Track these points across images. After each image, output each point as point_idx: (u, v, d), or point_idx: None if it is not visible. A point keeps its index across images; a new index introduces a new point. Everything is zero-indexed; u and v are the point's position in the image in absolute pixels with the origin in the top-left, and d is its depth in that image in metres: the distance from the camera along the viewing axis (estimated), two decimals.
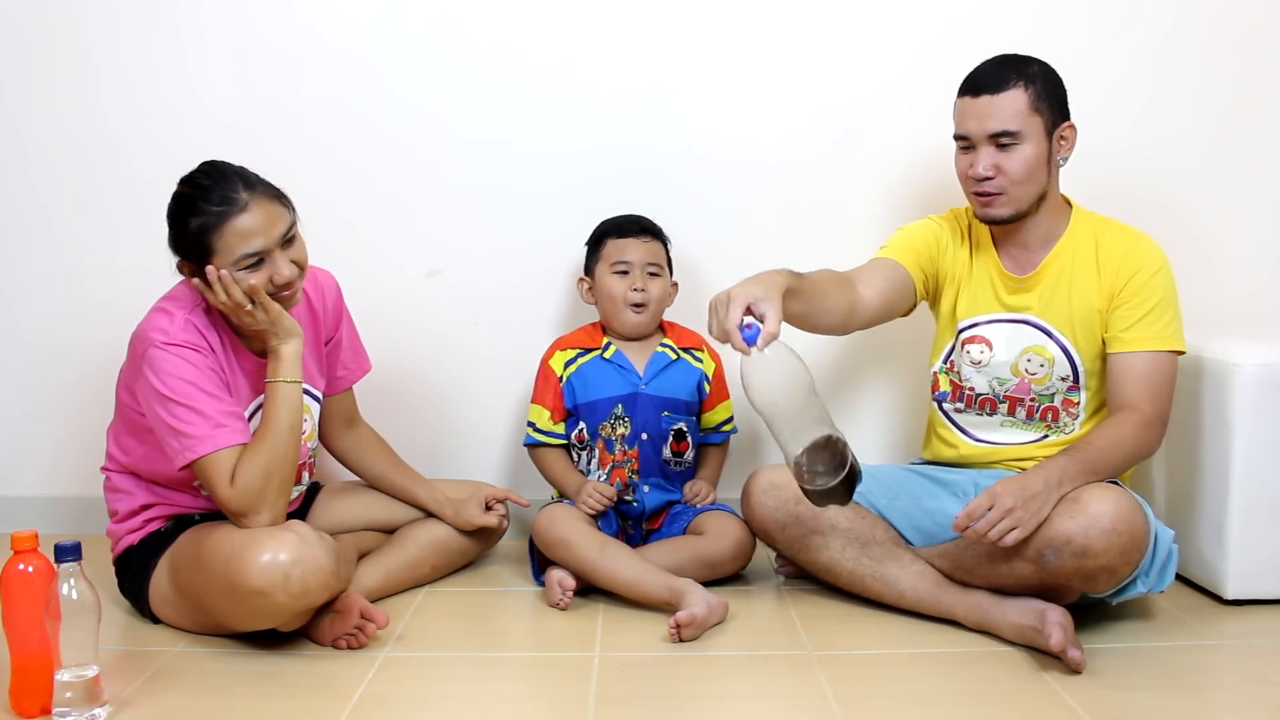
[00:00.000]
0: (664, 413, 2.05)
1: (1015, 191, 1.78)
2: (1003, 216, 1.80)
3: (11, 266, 2.31)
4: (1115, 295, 1.79)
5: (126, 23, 2.24)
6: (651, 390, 2.05)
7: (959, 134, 1.82)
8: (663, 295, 2.08)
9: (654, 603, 1.82)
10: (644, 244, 2.07)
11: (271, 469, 1.63)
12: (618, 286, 2.05)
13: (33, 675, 1.41)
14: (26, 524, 1.57)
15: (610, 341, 2.09)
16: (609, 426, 2.04)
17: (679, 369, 2.08)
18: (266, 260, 1.64)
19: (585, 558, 1.86)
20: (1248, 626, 1.79)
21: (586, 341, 2.10)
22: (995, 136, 1.75)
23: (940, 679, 1.59)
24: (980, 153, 1.77)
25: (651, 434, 2.05)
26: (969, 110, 1.79)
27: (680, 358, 2.09)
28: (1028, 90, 1.75)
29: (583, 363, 2.07)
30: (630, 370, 2.06)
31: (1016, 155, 1.75)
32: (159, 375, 1.62)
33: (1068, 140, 1.81)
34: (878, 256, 1.93)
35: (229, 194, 1.61)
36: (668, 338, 2.11)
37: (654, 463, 2.06)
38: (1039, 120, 1.76)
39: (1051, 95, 1.78)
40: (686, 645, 1.69)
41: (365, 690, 1.54)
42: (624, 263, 2.05)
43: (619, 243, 2.07)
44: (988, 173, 1.77)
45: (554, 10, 2.24)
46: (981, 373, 1.88)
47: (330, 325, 1.92)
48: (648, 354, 2.08)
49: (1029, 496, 1.59)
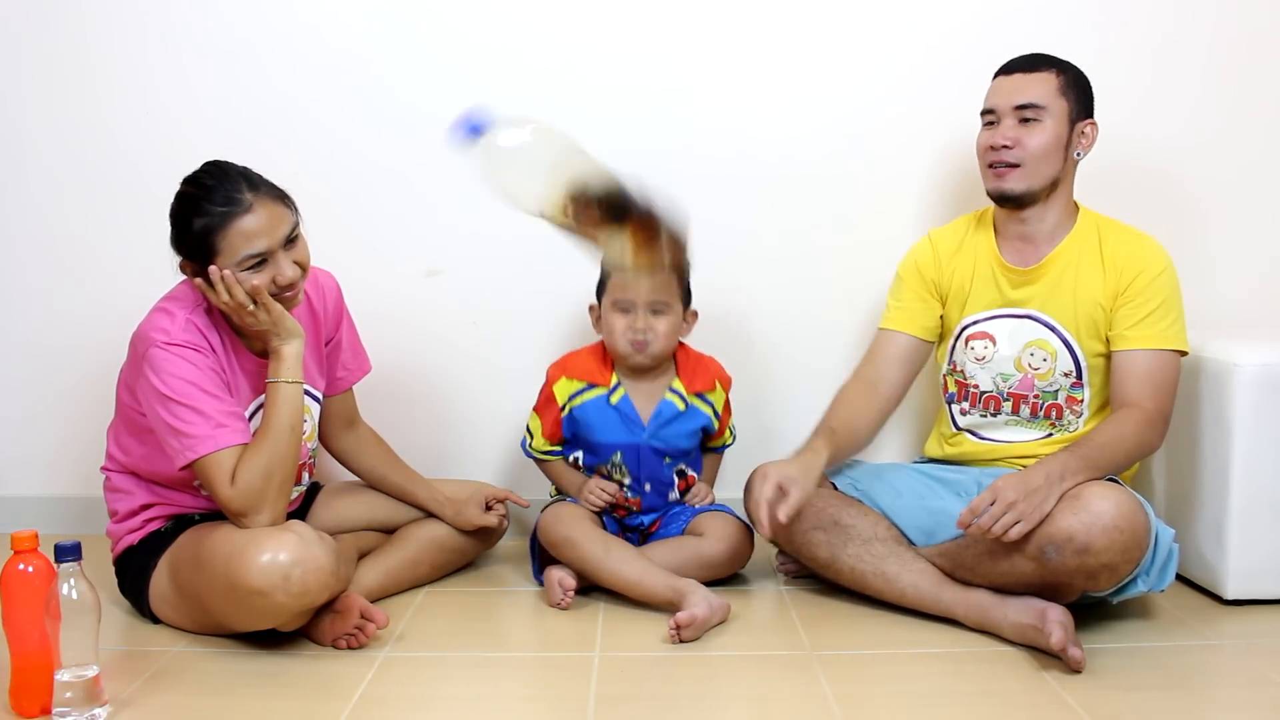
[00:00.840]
0: (665, 459, 2.01)
1: (1031, 167, 1.81)
2: (1015, 191, 1.82)
3: (11, 266, 2.31)
4: (1120, 293, 1.81)
5: (125, 24, 2.24)
6: (655, 442, 1.99)
7: (986, 109, 1.87)
8: (671, 331, 1.96)
9: (657, 602, 1.81)
10: (651, 277, 1.93)
11: (272, 469, 1.63)
12: (617, 324, 1.94)
13: (33, 675, 1.41)
14: (26, 524, 1.57)
15: (619, 383, 1.99)
16: (606, 470, 2.01)
17: (685, 420, 2.00)
18: (270, 261, 1.64)
19: (589, 556, 1.86)
20: (1248, 626, 1.79)
21: (595, 375, 2.00)
22: (1021, 109, 1.81)
23: (940, 679, 1.59)
24: (1003, 124, 1.83)
25: (655, 482, 2.01)
26: (1000, 86, 1.86)
27: (689, 407, 2.00)
28: (1059, 76, 1.82)
29: (587, 399, 1.99)
30: (635, 420, 1.98)
31: (1037, 131, 1.80)
32: (160, 375, 1.62)
33: (1088, 137, 1.85)
34: (885, 327, 1.99)
35: (233, 194, 1.61)
36: (679, 379, 2.01)
37: (659, 503, 2.04)
38: (1064, 105, 1.81)
39: (1080, 89, 1.84)
40: (687, 645, 1.69)
41: (365, 690, 1.54)
42: (627, 301, 1.94)
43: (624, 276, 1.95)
44: (1006, 141, 1.81)
45: (554, 10, 2.25)
46: (985, 369, 1.89)
47: (330, 326, 1.92)
48: (655, 400, 1.99)
49: (1031, 491, 1.60)
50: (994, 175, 1.85)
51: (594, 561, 1.86)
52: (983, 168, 1.88)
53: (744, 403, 2.28)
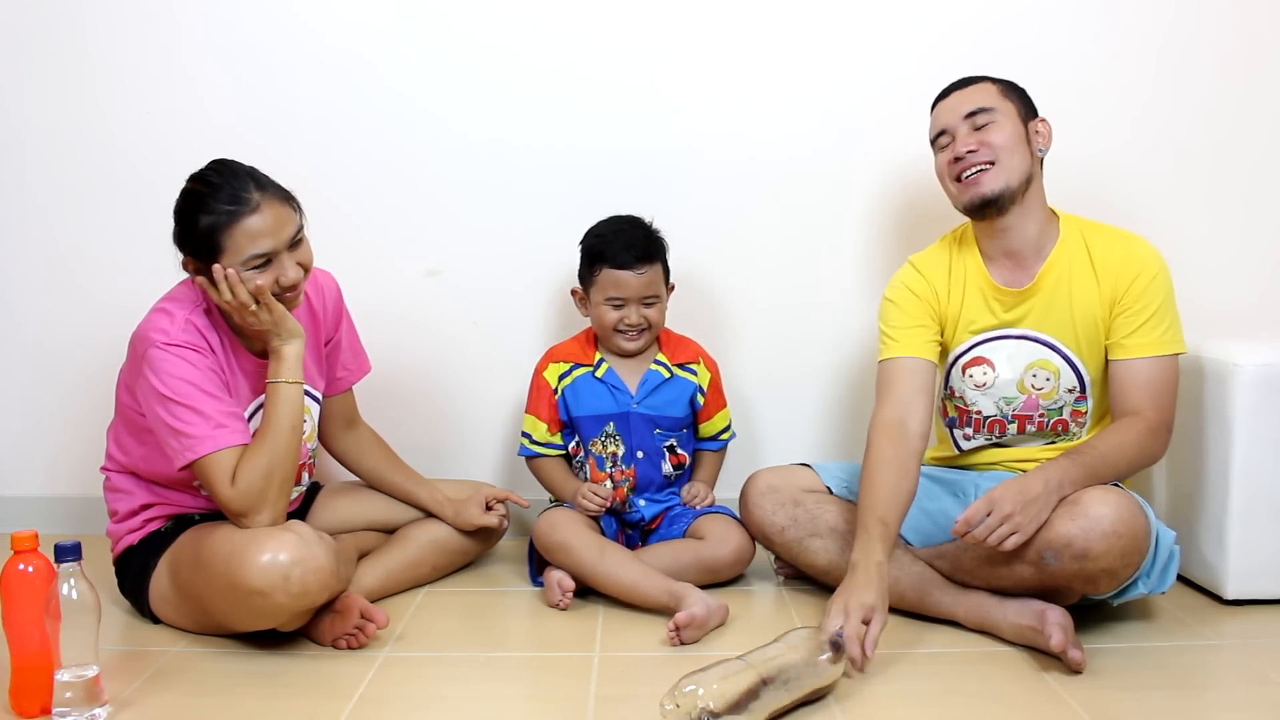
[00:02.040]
0: (656, 430, 2.04)
1: (1005, 160, 1.75)
2: (994, 190, 1.75)
3: (12, 266, 2.31)
4: (1116, 302, 1.77)
5: (126, 23, 2.24)
6: (644, 409, 2.03)
7: (936, 134, 1.83)
8: (662, 315, 2.05)
9: (653, 606, 1.81)
10: (641, 276, 1.98)
11: (272, 469, 1.63)
12: (610, 316, 2.01)
13: (33, 675, 1.42)
14: (26, 524, 1.57)
15: (603, 358, 2.06)
16: (600, 444, 2.03)
17: (672, 387, 2.06)
18: (274, 261, 1.64)
19: (584, 562, 1.86)
20: (1248, 626, 1.79)
21: (579, 355, 2.07)
22: (972, 115, 1.77)
23: (940, 679, 1.59)
24: (958, 136, 1.79)
25: (648, 451, 2.04)
26: (942, 109, 1.83)
27: (674, 375, 2.06)
28: (995, 84, 1.81)
29: (576, 376, 2.05)
30: (622, 389, 2.04)
31: (995, 129, 1.77)
32: (159, 375, 1.62)
33: (1043, 134, 1.81)
34: (895, 357, 1.84)
35: (241, 193, 1.61)
36: (662, 353, 2.09)
37: (653, 478, 2.05)
38: (1011, 105, 1.79)
39: (1019, 94, 1.82)
40: (687, 645, 1.70)
41: (365, 690, 1.54)
42: (619, 298, 2.00)
43: (615, 275, 1.98)
44: (970, 146, 1.76)
45: (555, 9, 2.25)
46: (987, 394, 1.84)
47: (330, 326, 1.92)
48: (640, 371, 2.06)
49: (1028, 501, 1.58)
50: (967, 185, 1.77)
51: (589, 567, 1.86)
52: (949, 186, 1.82)
53: (743, 403, 2.28)
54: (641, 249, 2.00)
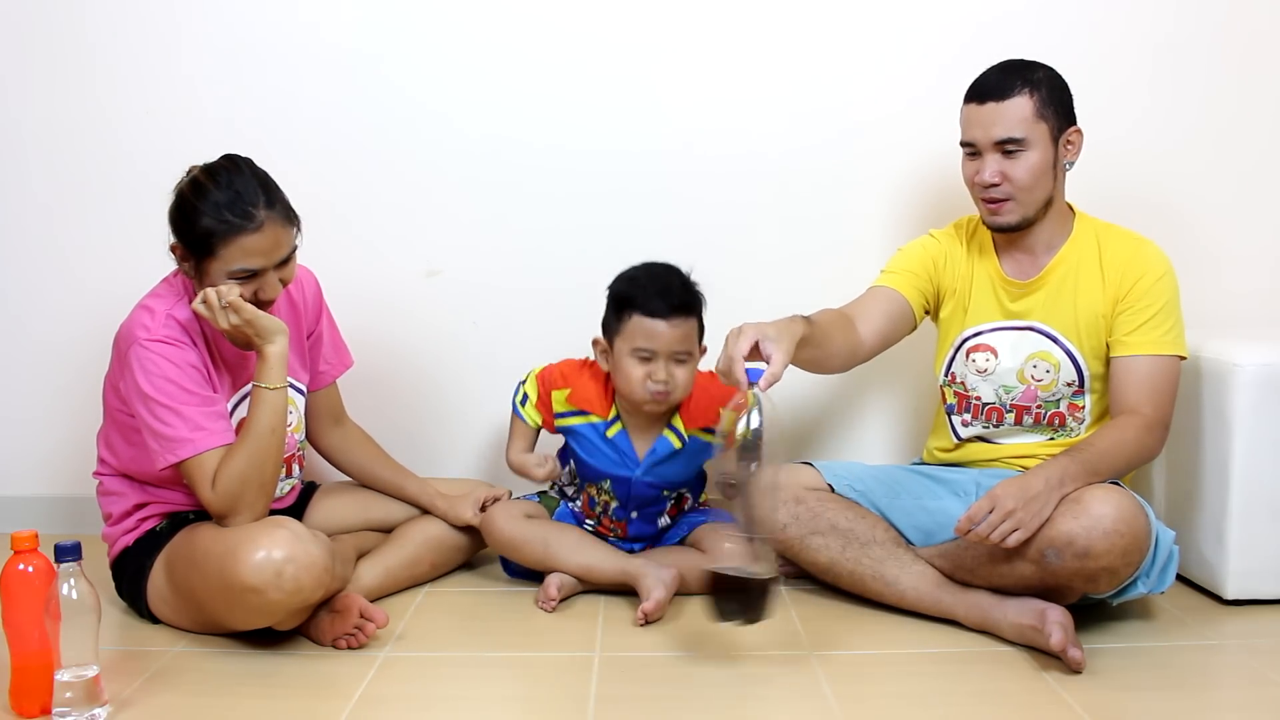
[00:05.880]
0: (664, 492, 1.96)
1: (1023, 198, 1.78)
2: (1010, 224, 1.80)
3: (12, 266, 2.31)
4: (1120, 300, 1.79)
5: (126, 21, 2.24)
6: (648, 478, 1.93)
7: (965, 140, 1.82)
8: (690, 377, 1.85)
9: (608, 585, 1.85)
10: (674, 328, 1.80)
11: (250, 472, 1.63)
12: (637, 372, 1.82)
13: (33, 675, 1.41)
14: (26, 524, 1.57)
15: (618, 417, 1.92)
16: (595, 489, 1.98)
17: (682, 457, 1.92)
18: (259, 276, 1.65)
19: (532, 556, 1.89)
20: (1248, 626, 1.79)
21: (595, 406, 1.92)
22: (1001, 144, 1.76)
23: (940, 679, 1.59)
24: (986, 160, 1.78)
25: (644, 511, 1.97)
26: (974, 118, 1.79)
27: (686, 444, 1.91)
28: (1033, 97, 1.75)
29: (581, 422, 1.94)
30: (629, 456, 1.91)
31: (1022, 162, 1.75)
32: (142, 373, 1.63)
33: (1074, 145, 1.81)
34: (877, 284, 1.93)
35: (249, 208, 1.62)
36: (679, 414, 1.91)
37: (645, 532, 2.00)
38: (1044, 127, 1.76)
39: (1057, 101, 1.78)
40: (686, 645, 1.70)
41: (365, 690, 1.54)
42: (648, 350, 1.81)
43: (645, 324, 1.79)
44: (994, 179, 1.77)
45: (555, 8, 2.24)
46: (988, 381, 1.88)
47: (311, 319, 1.92)
48: (652, 438, 1.91)
49: (1030, 498, 1.59)
50: (989, 210, 1.81)
51: (538, 559, 1.89)
52: (975, 199, 1.85)
53: None
54: (678, 298, 1.81)
